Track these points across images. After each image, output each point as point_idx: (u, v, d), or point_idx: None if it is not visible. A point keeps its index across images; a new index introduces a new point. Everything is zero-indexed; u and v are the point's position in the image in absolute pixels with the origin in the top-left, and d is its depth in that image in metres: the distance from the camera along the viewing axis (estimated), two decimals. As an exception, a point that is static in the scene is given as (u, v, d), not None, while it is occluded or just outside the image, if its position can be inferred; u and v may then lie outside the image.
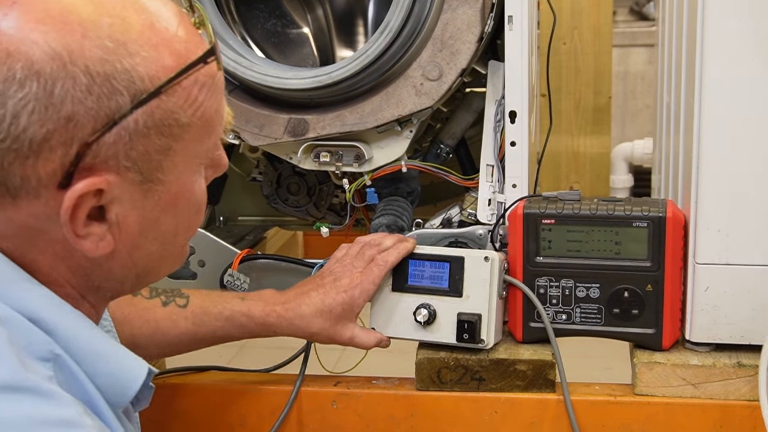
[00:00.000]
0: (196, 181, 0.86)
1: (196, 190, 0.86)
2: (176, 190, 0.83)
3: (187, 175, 0.84)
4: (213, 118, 0.84)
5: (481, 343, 1.26)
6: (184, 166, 0.83)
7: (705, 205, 1.24)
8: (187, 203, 0.86)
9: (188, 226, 0.89)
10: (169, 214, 0.84)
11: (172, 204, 0.84)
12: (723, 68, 1.20)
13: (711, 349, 1.30)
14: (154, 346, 1.27)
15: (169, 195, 0.82)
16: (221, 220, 1.95)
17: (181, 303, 1.29)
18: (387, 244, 1.32)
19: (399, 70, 1.38)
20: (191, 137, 0.81)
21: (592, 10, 2.94)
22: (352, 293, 1.26)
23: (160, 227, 0.84)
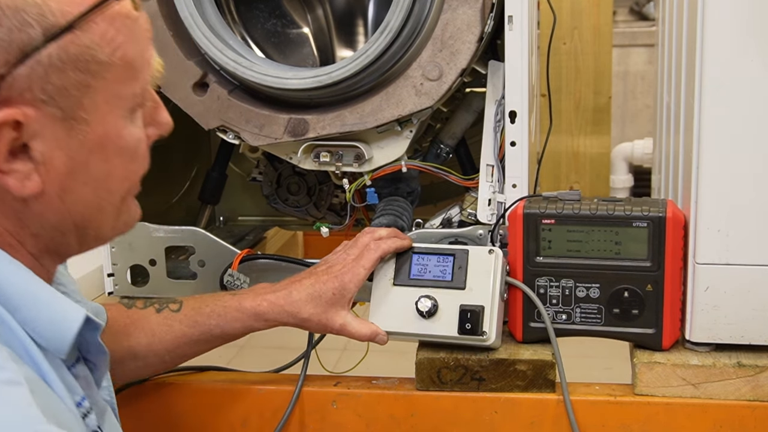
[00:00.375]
0: (126, 126, 0.87)
1: (125, 136, 0.87)
2: (102, 132, 0.84)
3: (113, 118, 0.85)
4: (136, 62, 0.85)
5: (483, 335, 1.26)
6: (108, 108, 0.84)
7: (705, 205, 1.24)
8: (117, 148, 0.86)
9: (124, 174, 0.89)
10: (99, 158, 0.85)
11: (100, 146, 0.85)
12: (723, 68, 1.20)
13: (711, 349, 1.30)
14: (152, 354, 1.26)
15: (95, 136, 0.83)
16: (221, 220, 1.96)
17: (174, 308, 1.29)
18: (382, 233, 1.32)
19: (399, 70, 1.38)
20: (113, 77, 0.83)
21: (592, 10, 2.94)
22: (342, 278, 1.26)
23: (90, 170, 0.85)
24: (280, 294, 1.27)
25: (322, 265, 1.31)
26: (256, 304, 1.26)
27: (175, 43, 1.43)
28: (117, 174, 0.88)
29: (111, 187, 0.88)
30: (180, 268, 1.58)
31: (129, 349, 1.25)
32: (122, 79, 0.84)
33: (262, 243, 1.88)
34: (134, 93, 0.87)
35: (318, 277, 1.27)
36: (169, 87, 1.44)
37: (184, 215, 1.82)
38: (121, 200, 0.91)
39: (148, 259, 1.53)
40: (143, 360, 1.26)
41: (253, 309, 1.26)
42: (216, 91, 1.43)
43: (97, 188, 0.87)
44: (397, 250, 1.32)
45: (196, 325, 1.27)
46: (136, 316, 1.28)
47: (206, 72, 1.44)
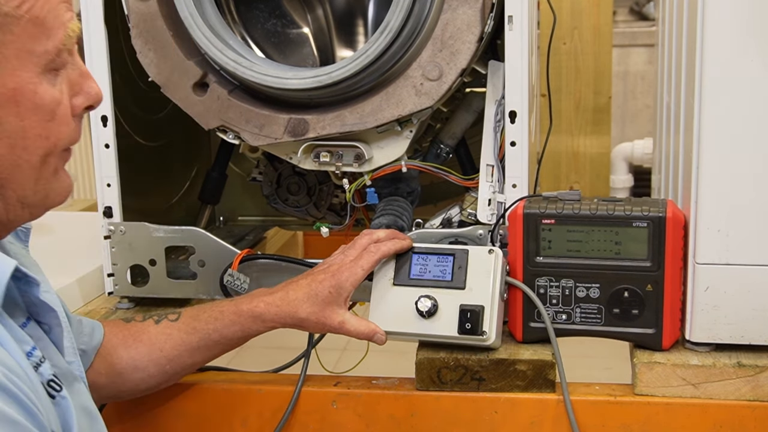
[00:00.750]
0: (41, 84, 0.89)
1: (41, 93, 0.89)
2: (14, 86, 0.87)
3: (25, 73, 0.87)
4: (48, 20, 0.88)
5: (483, 335, 1.26)
6: (20, 62, 0.87)
7: (705, 205, 1.24)
8: (31, 105, 0.88)
9: (41, 133, 0.90)
10: (11, 113, 0.87)
11: (13, 101, 0.87)
12: (723, 68, 1.20)
13: (711, 349, 1.30)
14: (153, 364, 1.26)
15: (6, 90, 0.86)
16: (221, 220, 1.96)
17: (172, 318, 1.29)
18: (380, 236, 1.32)
19: (399, 70, 1.38)
20: (21, 32, 0.86)
21: (592, 10, 2.94)
22: (339, 277, 1.26)
23: (2, 124, 0.87)
24: (277, 295, 1.27)
25: (320, 266, 1.31)
26: (253, 305, 1.27)
27: (175, 43, 1.43)
28: (33, 132, 0.90)
29: (27, 144, 0.90)
30: (180, 268, 1.58)
31: (129, 361, 1.25)
32: (32, 35, 0.87)
33: (262, 243, 1.88)
34: (47, 50, 0.89)
35: (314, 277, 1.27)
36: (169, 87, 1.44)
37: (184, 215, 1.82)
38: (40, 160, 0.92)
39: (148, 259, 1.53)
40: (144, 371, 1.26)
41: (251, 311, 1.26)
42: (216, 91, 1.43)
43: (13, 145, 0.88)
44: (397, 252, 1.32)
45: (194, 332, 1.27)
46: (135, 328, 1.28)
47: (206, 72, 1.44)
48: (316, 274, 1.28)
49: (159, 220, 1.54)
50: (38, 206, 0.95)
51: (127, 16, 1.44)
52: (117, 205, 1.52)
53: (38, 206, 0.95)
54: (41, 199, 0.95)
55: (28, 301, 0.93)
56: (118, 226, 1.52)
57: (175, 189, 1.85)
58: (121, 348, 1.25)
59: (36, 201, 0.94)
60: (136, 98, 1.62)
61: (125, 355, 1.25)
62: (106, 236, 1.53)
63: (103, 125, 1.49)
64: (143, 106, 1.66)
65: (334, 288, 1.25)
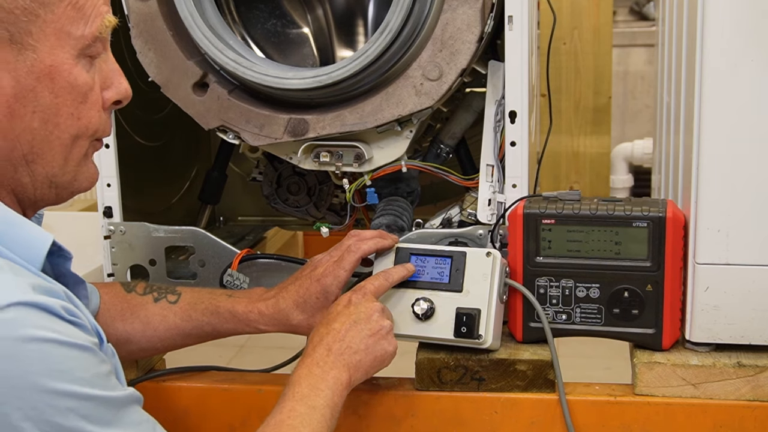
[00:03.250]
0: (76, 66, 0.95)
1: (75, 74, 0.95)
2: (50, 63, 0.92)
3: (62, 53, 0.93)
4: (86, 8, 0.94)
5: (479, 339, 1.26)
6: (58, 42, 0.93)
7: (705, 205, 1.24)
8: (66, 84, 0.94)
9: (73, 113, 0.96)
10: (47, 87, 0.93)
11: (49, 77, 0.93)
12: (723, 68, 1.20)
13: (711, 349, 1.30)
14: (145, 340, 1.31)
15: (43, 65, 0.92)
16: (221, 220, 1.96)
17: (172, 299, 1.33)
18: (366, 235, 1.33)
19: (399, 70, 1.38)
20: (62, 14, 0.92)
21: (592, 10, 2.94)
22: (324, 282, 1.27)
23: (38, 99, 0.92)
24: (269, 303, 1.29)
25: (307, 268, 1.32)
26: (248, 310, 1.30)
27: (175, 43, 1.43)
28: (65, 110, 0.95)
29: (59, 121, 0.95)
30: (180, 268, 1.58)
31: (124, 334, 1.30)
32: (71, 19, 0.93)
33: (262, 243, 1.88)
34: (83, 35, 0.95)
35: (301, 283, 1.29)
36: (169, 87, 1.44)
37: (184, 215, 1.82)
38: (70, 140, 0.97)
39: (148, 259, 1.53)
40: (136, 345, 1.32)
41: (245, 316, 1.30)
42: (216, 91, 1.43)
43: (45, 120, 0.94)
44: (378, 250, 1.32)
45: (189, 320, 1.31)
46: (135, 302, 1.32)
47: (206, 72, 1.44)
48: (302, 280, 1.29)
49: (159, 220, 1.54)
50: (65, 188, 1.00)
51: (127, 16, 1.44)
52: (117, 205, 1.52)
53: (65, 188, 1.00)
54: (69, 180, 0.99)
55: (59, 273, 0.98)
56: (118, 226, 1.52)
57: (175, 189, 1.85)
58: (119, 320, 1.30)
59: (64, 182, 0.99)
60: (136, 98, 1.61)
61: (121, 327, 1.30)
62: (106, 236, 1.53)
63: (103, 125, 1.49)
64: (143, 106, 1.66)
65: (321, 294, 1.27)
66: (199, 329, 1.31)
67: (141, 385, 1.40)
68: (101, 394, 0.85)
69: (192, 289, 1.35)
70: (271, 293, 1.31)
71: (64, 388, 0.82)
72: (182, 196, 1.86)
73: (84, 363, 0.85)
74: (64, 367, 0.82)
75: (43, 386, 0.81)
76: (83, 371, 0.84)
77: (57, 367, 0.82)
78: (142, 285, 1.36)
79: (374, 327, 1.17)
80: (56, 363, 0.82)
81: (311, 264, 1.32)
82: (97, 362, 0.87)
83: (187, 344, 1.35)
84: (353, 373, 1.13)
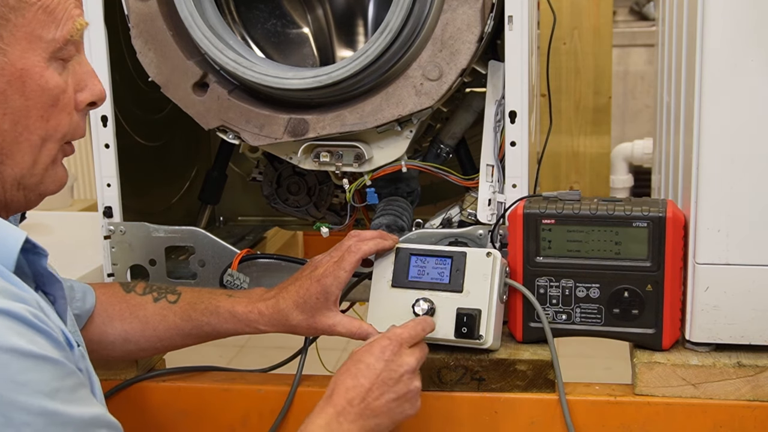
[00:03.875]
0: (48, 69, 0.96)
1: (47, 77, 0.96)
2: (22, 67, 0.94)
3: (34, 57, 0.95)
4: (57, 11, 0.96)
5: (479, 339, 1.26)
6: (29, 45, 0.94)
7: (705, 205, 1.24)
8: (37, 87, 0.95)
9: (43, 115, 0.97)
10: (17, 90, 0.94)
11: (19, 80, 0.94)
12: (723, 68, 1.20)
13: (711, 349, 1.30)
14: (144, 340, 1.31)
15: (14, 69, 0.93)
16: (221, 220, 1.96)
17: (172, 299, 1.33)
18: (366, 236, 1.32)
19: (399, 70, 1.38)
20: (32, 18, 0.94)
21: (592, 10, 2.94)
22: (324, 282, 1.26)
23: (8, 101, 0.94)
24: (269, 303, 1.29)
25: (307, 269, 1.31)
26: (247, 311, 1.29)
27: (175, 43, 1.43)
28: (35, 112, 0.96)
29: (29, 123, 0.96)
30: (180, 268, 1.58)
31: (122, 333, 1.30)
32: (41, 22, 0.95)
33: (262, 243, 1.88)
34: (54, 38, 0.96)
35: (301, 284, 1.28)
36: (169, 87, 1.44)
37: (184, 215, 1.82)
38: (39, 142, 0.98)
39: (148, 259, 1.53)
40: (135, 345, 1.32)
41: (245, 316, 1.29)
42: (216, 91, 1.43)
43: (15, 121, 0.95)
44: (378, 251, 1.32)
45: (189, 320, 1.31)
46: (134, 301, 1.33)
47: (206, 72, 1.44)
48: (303, 281, 1.28)
49: (159, 220, 1.54)
50: (32, 190, 1.00)
51: (127, 16, 1.44)
52: (117, 205, 1.52)
53: (32, 190, 1.00)
54: (36, 182, 1.00)
55: (35, 272, 0.98)
56: (118, 226, 1.52)
57: (175, 189, 1.85)
58: (117, 320, 1.30)
59: (31, 183, 0.99)
60: (136, 98, 1.62)
61: (119, 327, 1.30)
62: (106, 236, 1.53)
63: (103, 125, 1.49)
64: (143, 106, 1.66)
65: (321, 294, 1.26)
66: (199, 329, 1.31)
67: (141, 385, 1.40)
68: (61, 409, 0.83)
69: (192, 289, 1.35)
70: (271, 293, 1.31)
71: (22, 401, 0.80)
72: (182, 196, 1.86)
73: (46, 375, 0.83)
74: (23, 379, 0.80)
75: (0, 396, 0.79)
76: (44, 384, 0.82)
77: (16, 379, 0.80)
78: (141, 285, 1.36)
79: (401, 390, 1.14)
80: (15, 374, 0.80)
81: (311, 264, 1.32)
82: (62, 375, 0.85)
83: (186, 344, 1.35)
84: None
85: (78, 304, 1.26)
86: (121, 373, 1.42)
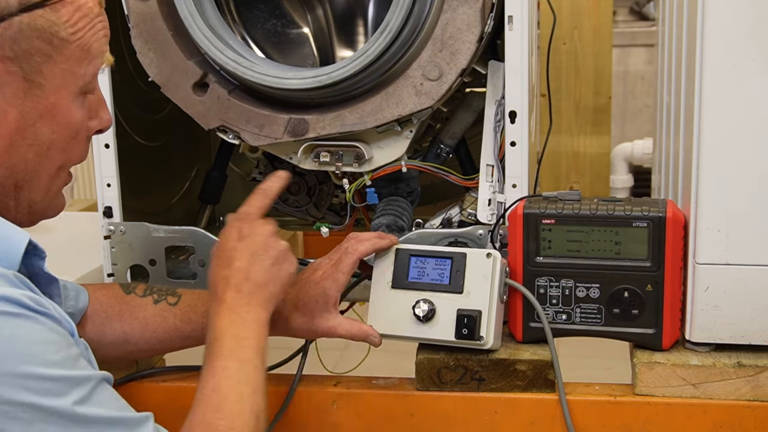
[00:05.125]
0: (74, 104, 1.00)
1: (74, 113, 1.00)
2: (54, 101, 0.98)
3: (66, 93, 0.99)
4: (92, 48, 1.00)
5: (480, 341, 1.26)
6: (63, 81, 0.98)
7: (705, 205, 1.24)
8: (64, 121, 1.00)
9: (65, 147, 1.01)
10: (47, 124, 0.98)
11: (50, 114, 0.98)
12: (723, 68, 1.20)
13: (711, 349, 1.30)
14: (144, 341, 1.31)
15: (48, 103, 0.97)
16: (221, 220, 1.95)
17: (172, 301, 1.33)
18: (364, 237, 1.33)
19: (399, 70, 1.38)
20: (70, 55, 0.98)
21: (592, 10, 2.94)
22: (323, 285, 1.27)
23: (36, 133, 0.98)
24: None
25: (306, 272, 1.31)
26: None
27: (175, 43, 1.43)
28: (58, 145, 1.00)
29: (51, 154, 1.00)
30: (180, 268, 1.58)
31: (122, 334, 1.31)
32: (77, 59, 0.99)
33: (262, 243, 1.87)
34: (86, 74, 1.00)
35: (301, 287, 1.28)
36: (169, 87, 1.44)
37: (184, 215, 1.82)
38: (56, 171, 1.02)
39: (148, 259, 1.53)
40: (134, 346, 1.32)
41: None
42: (216, 91, 1.43)
43: (40, 153, 0.99)
44: (375, 251, 1.32)
45: (189, 322, 1.31)
46: (134, 303, 1.33)
47: (206, 72, 1.44)
48: (301, 284, 1.29)
49: (159, 220, 1.54)
50: (39, 215, 1.04)
51: (127, 16, 1.44)
52: (117, 205, 1.52)
53: (39, 215, 1.04)
54: (44, 209, 1.04)
55: (32, 272, 1.00)
56: (118, 226, 1.52)
57: (175, 189, 1.85)
58: (116, 320, 1.31)
59: (40, 209, 1.03)
60: (136, 98, 1.62)
61: (119, 327, 1.31)
62: (106, 236, 1.53)
63: (103, 125, 1.49)
64: (143, 106, 1.66)
65: (320, 297, 1.26)
66: (199, 331, 1.30)
67: (140, 384, 1.40)
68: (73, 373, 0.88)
69: (192, 292, 1.35)
70: None
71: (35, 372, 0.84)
72: (182, 196, 1.86)
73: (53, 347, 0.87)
74: (34, 351, 0.85)
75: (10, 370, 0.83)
76: (52, 354, 0.87)
77: (27, 351, 0.84)
78: (142, 287, 1.36)
79: (273, 254, 1.16)
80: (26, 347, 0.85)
81: (311, 267, 1.32)
82: (66, 345, 0.89)
83: (186, 346, 1.34)
84: (269, 307, 1.14)
85: (71, 302, 1.27)
86: (121, 373, 1.42)
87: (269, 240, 1.17)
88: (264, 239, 1.17)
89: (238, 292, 1.12)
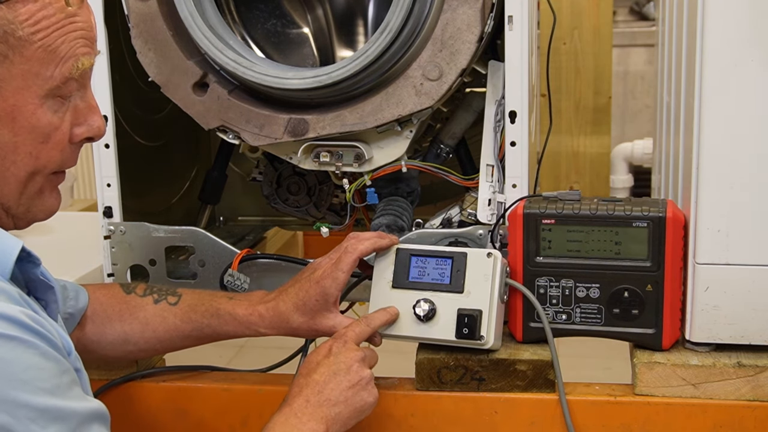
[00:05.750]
0: (41, 107, 0.96)
1: (40, 117, 0.96)
2: (14, 104, 0.94)
3: (28, 95, 0.94)
4: (60, 50, 0.95)
5: (481, 340, 1.26)
6: (24, 83, 0.93)
7: (705, 205, 1.24)
8: (28, 124, 0.95)
9: (31, 152, 0.97)
10: (6, 127, 0.94)
11: (10, 117, 0.94)
12: (723, 68, 1.20)
13: (711, 349, 1.30)
14: (144, 341, 1.32)
15: (6, 105, 0.93)
16: (221, 220, 1.96)
17: (172, 301, 1.33)
18: (364, 236, 1.33)
19: (399, 70, 1.38)
20: (31, 55, 0.93)
21: (592, 10, 2.94)
22: (323, 284, 1.27)
23: None
24: (269, 306, 1.29)
25: (306, 271, 1.31)
26: (248, 313, 1.29)
27: (175, 43, 1.43)
28: (24, 149, 0.96)
29: (16, 159, 0.96)
30: (180, 268, 1.58)
31: (122, 334, 1.31)
32: (41, 60, 0.94)
33: (262, 243, 1.88)
34: (52, 76, 0.95)
35: (301, 286, 1.28)
36: (169, 87, 1.44)
37: (184, 215, 1.82)
38: (26, 177, 0.98)
39: (148, 259, 1.53)
40: (135, 345, 1.32)
41: (246, 318, 1.29)
42: (216, 91, 1.43)
43: (3, 156, 0.95)
44: (375, 250, 1.32)
45: (189, 322, 1.31)
46: (134, 303, 1.33)
47: (206, 72, 1.44)
48: (302, 283, 1.29)
49: (159, 220, 1.54)
50: (21, 218, 1.02)
51: (127, 16, 1.44)
52: (117, 205, 1.52)
53: (21, 218, 1.02)
54: (23, 212, 1.01)
55: (27, 278, 0.99)
56: (118, 226, 1.52)
57: (175, 189, 1.85)
58: (116, 320, 1.31)
59: (18, 213, 1.01)
60: (136, 98, 1.62)
61: (119, 327, 1.31)
62: (106, 236, 1.53)
63: (103, 125, 1.49)
64: (143, 106, 1.66)
65: (320, 296, 1.26)
66: (199, 331, 1.31)
67: (140, 384, 1.40)
68: (61, 404, 0.85)
69: (192, 291, 1.35)
70: (271, 296, 1.31)
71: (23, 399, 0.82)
72: (182, 196, 1.86)
73: (46, 373, 0.85)
74: (25, 377, 0.83)
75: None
76: (43, 381, 0.85)
77: (18, 377, 0.83)
78: (142, 286, 1.36)
79: (354, 378, 1.16)
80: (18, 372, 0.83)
81: (311, 267, 1.32)
82: (60, 372, 0.87)
83: (186, 346, 1.35)
84: (331, 425, 1.13)
85: (71, 302, 1.27)
86: (120, 373, 1.42)
87: (354, 364, 1.18)
88: (349, 362, 1.18)
89: (306, 401, 1.13)
